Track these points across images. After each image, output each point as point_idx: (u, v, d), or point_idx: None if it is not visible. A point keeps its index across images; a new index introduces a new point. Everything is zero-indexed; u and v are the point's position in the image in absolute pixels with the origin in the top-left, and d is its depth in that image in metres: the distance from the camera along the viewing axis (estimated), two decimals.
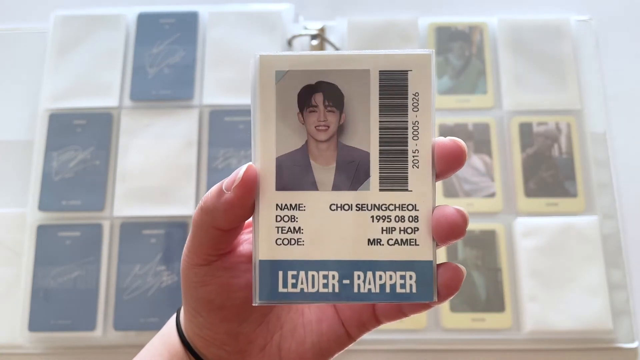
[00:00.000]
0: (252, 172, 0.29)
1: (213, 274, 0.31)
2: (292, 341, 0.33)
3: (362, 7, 0.83)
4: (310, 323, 0.33)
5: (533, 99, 0.75)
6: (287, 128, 0.29)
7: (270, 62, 0.29)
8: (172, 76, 0.76)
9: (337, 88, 0.29)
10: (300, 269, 0.29)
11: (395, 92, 0.29)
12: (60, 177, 0.72)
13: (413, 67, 0.29)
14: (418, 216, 0.29)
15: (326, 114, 0.29)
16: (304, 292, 0.29)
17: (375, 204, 0.29)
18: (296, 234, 0.29)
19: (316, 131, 0.30)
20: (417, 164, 0.29)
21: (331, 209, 0.29)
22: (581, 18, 0.79)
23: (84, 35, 0.78)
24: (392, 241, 0.29)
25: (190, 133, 0.74)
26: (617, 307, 0.67)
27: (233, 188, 0.28)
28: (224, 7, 0.80)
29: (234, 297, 0.32)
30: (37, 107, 0.76)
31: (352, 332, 0.33)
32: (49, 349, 0.68)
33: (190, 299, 0.33)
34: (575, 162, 0.73)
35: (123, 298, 0.68)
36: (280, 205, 0.29)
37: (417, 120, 0.29)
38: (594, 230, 0.70)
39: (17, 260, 0.70)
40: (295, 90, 0.29)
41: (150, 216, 0.71)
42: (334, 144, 0.30)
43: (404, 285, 0.29)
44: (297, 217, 0.29)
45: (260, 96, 0.29)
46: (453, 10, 0.82)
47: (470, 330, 0.67)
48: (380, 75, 0.29)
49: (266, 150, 0.29)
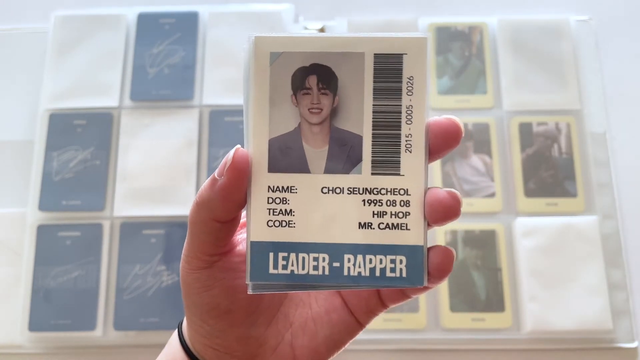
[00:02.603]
0: (242, 153, 0.28)
1: (216, 277, 0.31)
2: (304, 337, 0.33)
3: (362, 7, 0.83)
4: (319, 316, 0.33)
5: (533, 99, 0.75)
6: (280, 110, 0.29)
7: (265, 44, 0.29)
8: (172, 76, 0.76)
9: (331, 71, 0.29)
10: (291, 251, 0.29)
11: (389, 75, 0.29)
12: (60, 177, 0.72)
13: (408, 51, 0.29)
14: (409, 201, 0.29)
15: (320, 96, 0.29)
16: (294, 273, 0.29)
17: (366, 188, 0.29)
18: (287, 216, 0.29)
19: (309, 114, 0.29)
20: (409, 148, 0.29)
21: (323, 192, 0.29)
22: (581, 18, 0.79)
23: (84, 35, 0.78)
24: (383, 225, 0.29)
25: (190, 133, 0.74)
26: (617, 307, 0.67)
27: (225, 172, 0.28)
28: (224, 7, 0.80)
29: (239, 298, 0.31)
30: (37, 107, 0.76)
31: (361, 319, 0.33)
32: (49, 349, 0.68)
33: (195, 308, 0.32)
34: (575, 162, 0.73)
35: (123, 298, 0.68)
36: (272, 187, 0.29)
37: (411, 104, 0.29)
38: (594, 230, 0.70)
39: (17, 260, 0.70)
40: (289, 72, 0.29)
41: (151, 216, 0.71)
42: (326, 127, 0.29)
43: (394, 269, 0.29)
44: (289, 200, 0.29)
45: (254, 77, 0.29)
46: (453, 11, 0.82)
47: (470, 330, 0.67)
48: (375, 58, 0.29)
49: (259, 132, 0.29)
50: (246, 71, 0.29)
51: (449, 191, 0.28)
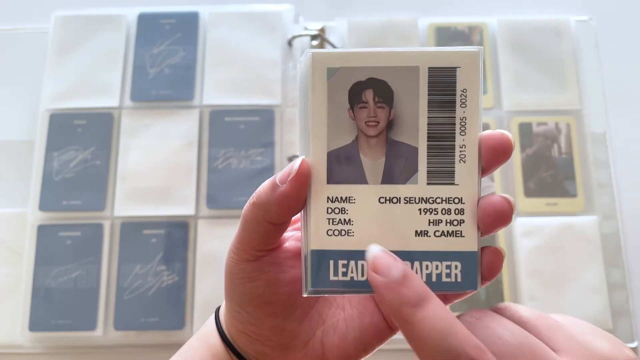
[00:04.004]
0: (306, 165, 0.30)
1: (261, 270, 0.32)
2: (334, 336, 0.34)
3: (362, 7, 0.83)
4: (352, 318, 0.34)
5: (533, 99, 0.75)
6: (338, 124, 0.30)
7: (322, 60, 0.30)
8: (173, 76, 0.76)
9: (386, 84, 0.30)
10: (351, 259, 0.30)
11: (443, 88, 0.30)
12: (60, 177, 0.72)
13: (462, 64, 0.30)
14: (464, 209, 0.30)
15: (376, 110, 0.30)
16: (353, 280, 0.30)
17: (422, 197, 0.30)
18: (346, 225, 0.30)
19: (366, 127, 0.30)
20: (464, 158, 0.30)
21: (380, 202, 0.30)
22: (581, 18, 0.80)
23: (85, 35, 0.78)
24: (439, 233, 0.30)
25: (191, 133, 0.74)
26: (617, 307, 0.67)
27: (289, 181, 0.29)
28: (224, 8, 0.80)
29: (281, 292, 0.33)
30: (37, 107, 0.76)
31: (393, 325, 0.34)
32: (49, 348, 0.68)
33: (235, 295, 0.33)
34: (575, 162, 0.73)
35: (123, 298, 0.68)
36: (331, 197, 0.30)
37: (465, 116, 0.30)
38: (594, 230, 0.70)
39: (17, 260, 0.71)
40: (346, 87, 0.30)
41: (151, 216, 0.71)
42: (383, 139, 0.30)
43: (449, 275, 0.30)
44: (347, 209, 0.30)
45: (313, 93, 0.30)
46: (453, 11, 0.83)
47: None
48: (430, 71, 0.30)
49: (318, 144, 0.30)
50: (302, 85, 0.31)
51: (503, 195, 0.30)
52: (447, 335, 0.25)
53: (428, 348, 0.25)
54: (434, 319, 0.25)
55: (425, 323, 0.25)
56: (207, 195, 0.71)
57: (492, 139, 0.30)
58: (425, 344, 0.25)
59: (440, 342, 0.25)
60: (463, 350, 0.24)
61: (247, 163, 0.72)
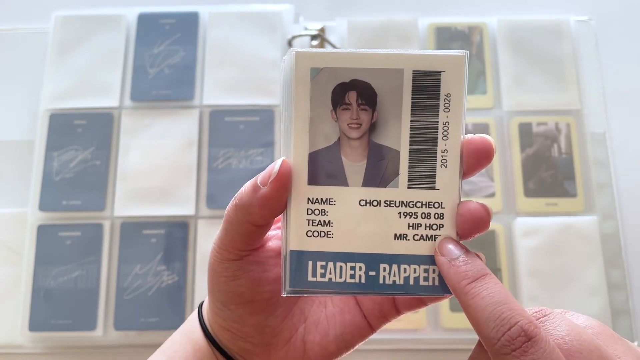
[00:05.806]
0: (287, 166, 0.29)
1: (244, 269, 0.32)
2: (316, 333, 0.34)
3: (362, 7, 0.83)
4: (333, 316, 0.35)
5: (533, 99, 0.75)
6: (320, 125, 0.30)
7: (306, 59, 0.30)
8: (173, 76, 0.76)
9: (370, 86, 0.30)
10: (329, 260, 0.30)
11: (427, 92, 0.30)
12: (60, 177, 0.72)
13: (446, 68, 0.30)
14: (444, 213, 0.30)
15: (359, 112, 0.30)
16: (331, 281, 0.30)
17: (403, 201, 0.30)
18: (326, 227, 0.30)
19: (349, 129, 0.30)
20: (445, 163, 0.30)
21: (360, 204, 0.30)
22: (581, 18, 0.80)
23: (85, 35, 0.78)
24: (418, 236, 0.30)
25: (191, 133, 0.74)
26: (617, 307, 0.67)
27: (269, 183, 0.29)
28: (224, 8, 0.80)
29: (263, 290, 0.33)
30: (37, 107, 0.76)
31: (373, 323, 0.35)
32: (49, 348, 0.68)
33: (219, 293, 0.33)
34: (575, 162, 0.73)
35: (123, 298, 0.68)
36: (312, 199, 0.30)
37: (448, 120, 0.30)
38: (594, 230, 0.70)
39: (17, 260, 0.71)
40: (330, 88, 0.30)
41: (151, 216, 0.71)
42: (365, 141, 0.30)
43: (427, 279, 0.30)
44: (328, 211, 0.30)
45: (295, 93, 0.30)
46: (453, 11, 0.83)
47: (470, 330, 0.67)
48: (414, 75, 0.30)
49: (299, 145, 0.30)
50: (285, 85, 0.30)
51: (481, 203, 0.30)
52: (503, 306, 0.26)
53: (483, 317, 0.26)
54: (491, 291, 0.27)
55: (483, 294, 0.27)
56: (207, 195, 0.71)
57: (473, 144, 0.30)
58: (482, 313, 0.26)
59: (495, 312, 0.26)
60: (517, 321, 0.26)
61: (247, 163, 0.72)
